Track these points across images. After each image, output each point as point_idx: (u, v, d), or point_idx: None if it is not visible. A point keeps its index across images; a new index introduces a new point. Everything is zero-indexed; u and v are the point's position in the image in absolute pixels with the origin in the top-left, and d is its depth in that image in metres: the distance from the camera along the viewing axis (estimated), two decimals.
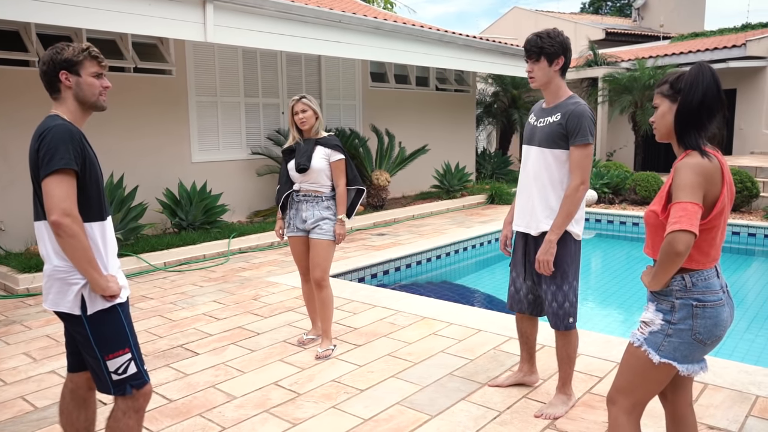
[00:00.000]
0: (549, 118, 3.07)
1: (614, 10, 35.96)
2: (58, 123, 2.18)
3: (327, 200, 4.05)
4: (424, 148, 10.96)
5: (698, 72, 2.03)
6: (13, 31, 7.02)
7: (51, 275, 2.24)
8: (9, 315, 5.08)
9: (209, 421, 3.16)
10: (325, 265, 4.02)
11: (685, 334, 2.04)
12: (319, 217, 4.01)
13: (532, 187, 3.13)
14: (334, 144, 4.03)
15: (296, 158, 4.01)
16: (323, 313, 4.09)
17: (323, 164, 4.00)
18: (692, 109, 2.03)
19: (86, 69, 2.28)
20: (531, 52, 3.00)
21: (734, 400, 3.25)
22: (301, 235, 4.12)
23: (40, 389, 3.58)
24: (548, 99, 3.13)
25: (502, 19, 24.51)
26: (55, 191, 2.10)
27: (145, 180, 7.86)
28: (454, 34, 10.13)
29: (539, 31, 3.03)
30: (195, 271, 6.56)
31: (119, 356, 2.26)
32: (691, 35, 19.11)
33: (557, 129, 3.01)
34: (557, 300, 3.12)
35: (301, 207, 4.07)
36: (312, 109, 4.01)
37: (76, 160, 2.14)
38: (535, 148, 3.11)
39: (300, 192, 4.08)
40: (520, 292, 3.34)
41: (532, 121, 3.20)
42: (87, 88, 2.28)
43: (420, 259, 7.35)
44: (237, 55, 9.07)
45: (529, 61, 3.04)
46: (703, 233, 2.02)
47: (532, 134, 3.16)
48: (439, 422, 3.10)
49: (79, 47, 2.28)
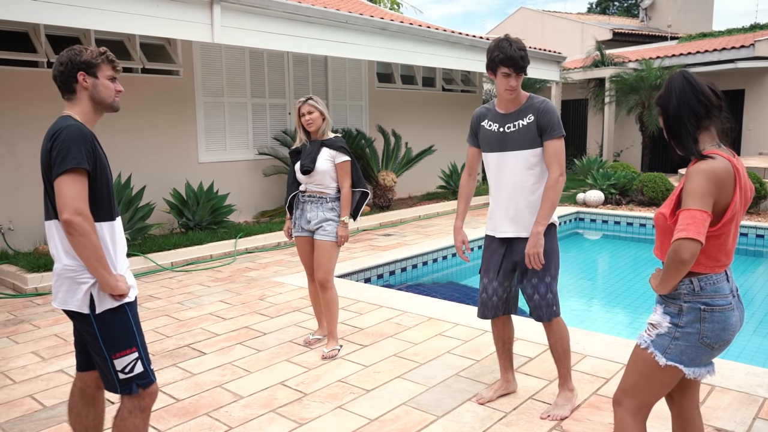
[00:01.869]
0: (520, 122, 3.08)
1: (621, 10, 35.85)
2: (71, 123, 2.21)
3: (331, 201, 4.05)
4: (430, 149, 10.96)
5: (669, 81, 2.08)
6: (22, 32, 7.07)
7: (61, 274, 2.26)
8: (18, 314, 5.11)
9: (216, 420, 3.17)
10: (329, 267, 4.02)
11: (693, 338, 2.04)
12: (322, 218, 4.03)
13: (516, 193, 3.12)
14: (340, 145, 4.03)
15: (301, 160, 4.03)
16: (328, 313, 4.09)
17: (328, 166, 3.99)
18: (673, 118, 2.06)
19: (103, 72, 2.33)
20: (521, 67, 2.98)
21: (742, 402, 3.24)
22: (307, 235, 4.15)
23: (49, 388, 3.60)
24: (509, 105, 3.12)
25: (509, 20, 24.48)
26: (67, 190, 2.13)
27: (152, 180, 7.90)
28: (460, 35, 10.13)
29: (510, 43, 2.97)
30: (202, 271, 6.58)
31: (126, 355, 2.28)
32: (699, 35, 19.03)
33: (533, 129, 3.06)
34: (539, 292, 3.13)
35: (306, 207, 4.10)
36: (318, 111, 4.01)
37: (88, 160, 2.17)
38: (512, 153, 3.10)
39: (305, 192, 4.11)
40: (493, 298, 3.27)
41: (494, 128, 3.15)
42: (104, 90, 2.33)
43: (426, 259, 7.35)
44: (244, 55, 9.10)
45: (513, 75, 2.98)
46: (713, 239, 2.01)
47: (501, 140, 3.13)
48: (445, 423, 3.11)
49: (96, 50, 2.33)
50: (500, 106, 3.18)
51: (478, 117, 3.26)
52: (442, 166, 11.98)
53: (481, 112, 3.28)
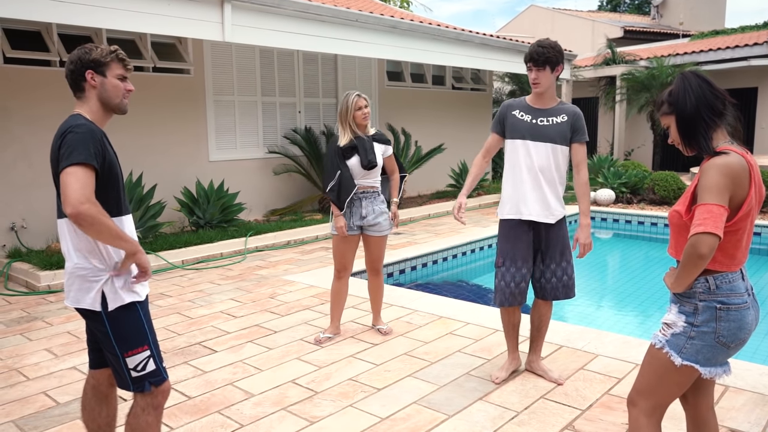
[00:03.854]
0: (554, 118, 3.34)
1: (633, 7, 35.59)
2: (81, 122, 2.20)
3: (381, 194, 4.28)
4: (440, 147, 10.94)
5: (682, 79, 2.08)
6: (34, 31, 7.12)
7: (72, 273, 2.26)
8: (31, 311, 5.15)
9: (227, 418, 3.18)
10: (383, 257, 4.36)
11: (708, 337, 2.02)
12: (379, 211, 4.20)
13: (545, 181, 3.35)
14: (386, 139, 4.29)
15: (362, 155, 4.08)
16: (380, 295, 4.43)
17: (380, 159, 4.21)
18: (690, 116, 2.04)
19: (112, 70, 2.30)
20: (537, 61, 3.26)
21: (756, 402, 3.21)
22: (356, 233, 4.23)
23: (62, 385, 3.63)
24: (543, 101, 3.39)
25: (519, 18, 24.38)
26: (72, 182, 2.08)
27: (163, 178, 7.93)
28: (470, 33, 10.09)
29: (538, 43, 3.29)
30: (212, 269, 6.60)
31: (138, 353, 2.28)
32: (711, 33, 18.84)
33: (566, 128, 3.34)
34: (567, 273, 3.45)
35: (360, 204, 4.17)
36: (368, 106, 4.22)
37: (96, 158, 2.15)
38: (544, 144, 3.33)
39: (357, 189, 4.16)
40: (521, 284, 3.44)
41: (526, 119, 3.37)
42: (111, 89, 2.30)
43: (436, 258, 7.33)
44: (254, 54, 9.11)
45: (533, 68, 3.29)
46: (729, 235, 1.99)
47: (533, 130, 3.35)
48: (456, 422, 3.10)
49: (107, 49, 2.31)
50: (532, 100, 3.42)
51: (509, 106, 3.47)
52: (452, 165, 11.96)
53: (511, 103, 3.49)
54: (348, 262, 4.27)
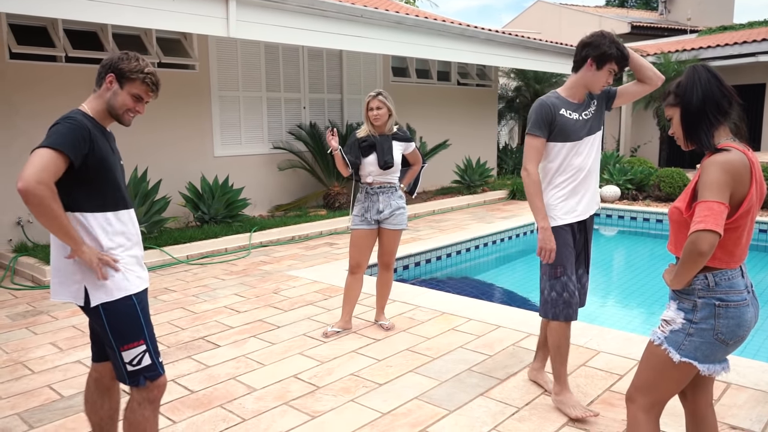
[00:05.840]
0: (591, 109, 3.18)
1: (640, 3, 35.37)
2: (73, 115, 2.23)
3: (397, 189, 4.32)
4: (445, 143, 10.93)
5: (692, 72, 2.05)
6: (40, 26, 7.15)
7: (53, 266, 2.31)
8: (36, 305, 5.19)
9: (230, 412, 3.20)
10: (396, 251, 4.40)
11: (707, 334, 2.02)
12: (395, 206, 4.25)
13: (594, 173, 3.19)
14: (407, 137, 4.37)
15: (379, 155, 4.15)
16: (387, 291, 4.47)
17: (400, 157, 4.29)
18: (695, 110, 2.03)
19: (132, 87, 2.31)
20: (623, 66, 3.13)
21: (758, 400, 3.20)
22: (373, 227, 4.26)
23: (66, 378, 3.66)
24: (580, 95, 3.13)
25: (526, 13, 24.27)
26: (35, 160, 2.06)
27: (168, 174, 7.96)
28: (476, 29, 10.06)
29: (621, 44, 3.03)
30: (217, 264, 6.63)
31: (134, 347, 2.29)
32: (719, 29, 18.69)
33: (602, 109, 3.25)
34: (587, 279, 3.36)
35: (377, 199, 4.23)
36: (387, 107, 4.20)
37: (74, 150, 2.13)
38: (593, 137, 3.16)
39: (373, 185, 4.23)
40: (575, 294, 3.13)
41: (575, 117, 3.08)
42: (119, 102, 2.31)
43: (440, 254, 7.34)
44: (259, 50, 9.12)
45: (614, 74, 3.06)
46: (729, 232, 1.99)
47: (585, 127, 3.11)
48: (457, 417, 3.11)
49: (141, 66, 2.30)
50: (571, 95, 3.11)
51: (554, 106, 3.05)
52: (457, 161, 11.95)
53: (552, 102, 3.07)
54: (363, 258, 4.30)
